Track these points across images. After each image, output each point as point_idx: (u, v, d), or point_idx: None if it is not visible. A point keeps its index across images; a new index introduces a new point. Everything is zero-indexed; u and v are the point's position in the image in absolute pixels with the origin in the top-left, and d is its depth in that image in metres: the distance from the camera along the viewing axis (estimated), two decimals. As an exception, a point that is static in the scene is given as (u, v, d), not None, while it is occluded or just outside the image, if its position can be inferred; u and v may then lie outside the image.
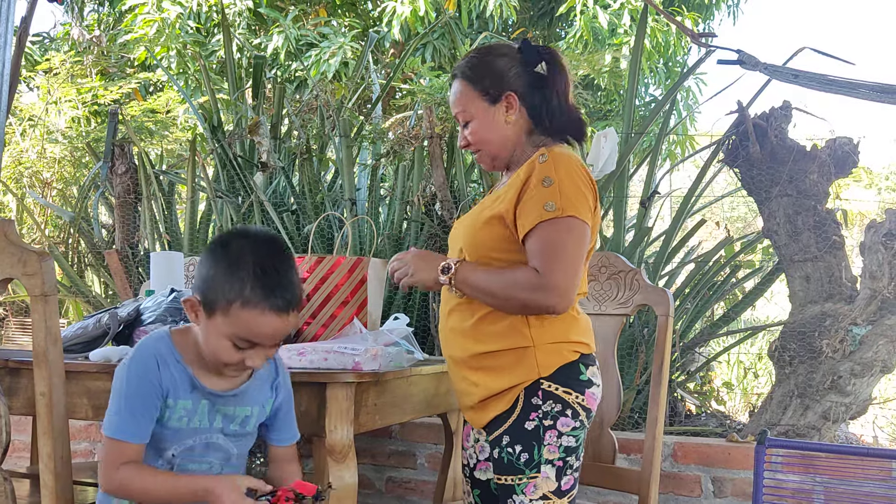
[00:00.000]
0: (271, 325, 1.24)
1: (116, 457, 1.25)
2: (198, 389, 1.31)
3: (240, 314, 1.23)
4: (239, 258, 1.24)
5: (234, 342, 1.25)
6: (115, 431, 1.25)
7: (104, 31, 7.37)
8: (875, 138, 5.26)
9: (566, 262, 1.41)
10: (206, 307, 1.26)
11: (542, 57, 1.54)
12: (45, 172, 5.15)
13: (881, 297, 2.57)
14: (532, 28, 8.02)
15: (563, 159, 1.46)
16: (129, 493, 1.26)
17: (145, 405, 1.26)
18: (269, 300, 1.23)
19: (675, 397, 3.15)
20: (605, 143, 2.83)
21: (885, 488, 1.94)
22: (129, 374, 1.26)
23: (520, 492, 1.46)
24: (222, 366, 1.29)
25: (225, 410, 1.34)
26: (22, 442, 2.95)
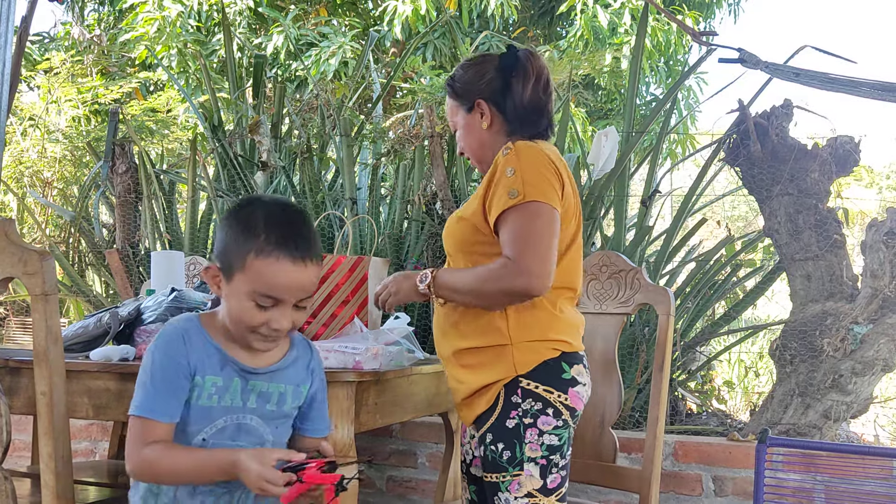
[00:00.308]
0: (288, 275, 1.20)
1: (144, 436, 1.20)
2: (229, 366, 1.25)
3: (255, 265, 1.19)
4: (252, 216, 1.22)
5: (255, 300, 1.20)
6: (142, 410, 1.20)
7: (104, 30, 7.37)
8: (876, 137, 5.28)
9: (535, 245, 1.44)
10: (225, 271, 1.23)
11: (519, 61, 1.60)
12: (45, 172, 5.15)
13: (882, 295, 2.56)
14: (532, 27, 8.02)
15: (524, 149, 1.51)
16: (156, 472, 1.20)
17: (173, 384, 1.21)
18: (283, 248, 1.19)
19: (676, 396, 3.15)
20: (606, 142, 2.83)
21: (886, 487, 1.94)
22: (156, 352, 1.22)
23: (504, 489, 1.48)
24: (249, 332, 1.23)
25: (259, 388, 1.27)
26: (23, 441, 2.95)
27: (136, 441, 1.20)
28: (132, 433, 1.20)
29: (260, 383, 1.27)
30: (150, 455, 1.19)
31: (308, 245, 1.22)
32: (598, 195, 3.11)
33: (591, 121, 6.93)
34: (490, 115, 1.59)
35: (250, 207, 1.24)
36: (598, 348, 2.03)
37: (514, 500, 1.47)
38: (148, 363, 1.22)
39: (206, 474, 1.20)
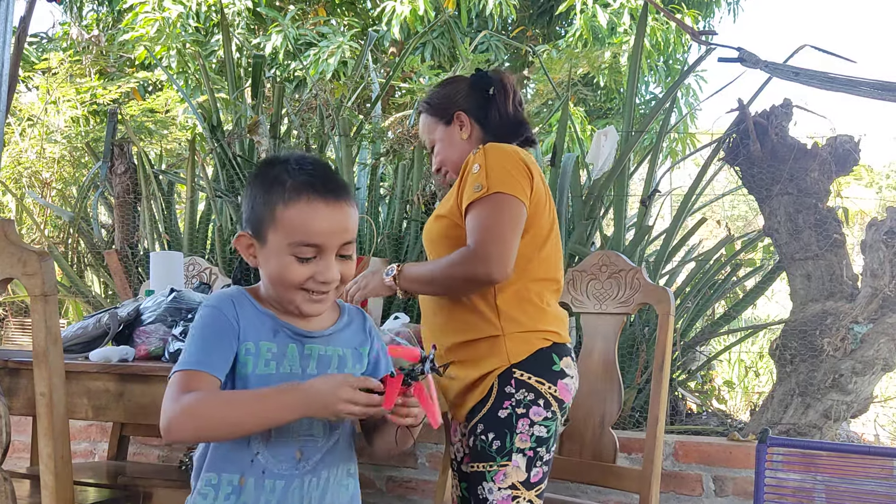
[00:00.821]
0: (323, 216, 1.11)
1: (184, 385, 1.07)
2: (282, 331, 1.16)
3: (286, 215, 1.11)
4: (272, 170, 1.16)
5: (295, 254, 1.11)
6: (186, 364, 1.09)
7: (103, 30, 7.36)
8: (876, 136, 5.28)
9: (495, 233, 1.49)
10: (257, 235, 1.15)
11: (492, 82, 1.70)
12: (44, 172, 5.14)
13: (882, 295, 2.56)
14: (531, 26, 8.02)
15: (492, 148, 1.58)
16: (198, 418, 1.05)
17: (221, 340, 1.11)
18: (312, 188, 1.12)
19: (676, 396, 3.15)
20: (605, 142, 2.83)
21: (886, 487, 1.94)
22: (204, 313, 1.13)
23: (489, 479, 1.50)
24: (295, 292, 1.13)
25: (317, 352, 1.17)
26: (22, 442, 2.95)
27: (174, 392, 1.06)
28: (170, 390, 1.07)
29: (317, 347, 1.17)
30: (189, 400, 1.05)
31: (338, 183, 1.15)
32: (597, 195, 3.11)
33: (591, 120, 6.93)
34: (469, 127, 1.68)
35: (270, 164, 1.18)
36: (598, 348, 2.03)
37: (496, 491, 1.49)
38: (196, 324, 1.13)
39: (263, 413, 1.05)
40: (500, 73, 1.73)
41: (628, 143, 3.13)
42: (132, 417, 1.58)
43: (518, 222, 1.52)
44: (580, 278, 2.11)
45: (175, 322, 1.76)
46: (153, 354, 1.73)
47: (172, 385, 1.08)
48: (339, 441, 1.17)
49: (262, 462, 1.11)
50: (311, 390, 1.04)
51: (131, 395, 1.56)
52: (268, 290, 1.17)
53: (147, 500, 2.05)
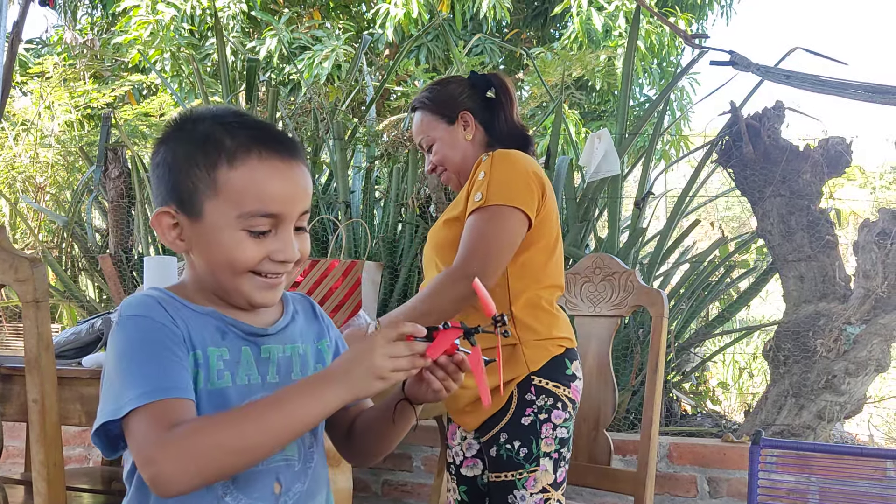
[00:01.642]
0: (281, 176, 0.89)
1: (161, 423, 0.79)
2: (231, 332, 0.91)
3: (233, 179, 0.87)
4: (199, 127, 0.90)
5: (246, 227, 0.87)
6: (144, 395, 0.80)
7: (97, 34, 7.35)
8: (868, 138, 5.29)
9: (479, 248, 1.48)
10: (185, 208, 0.89)
11: (491, 82, 1.69)
12: (38, 177, 5.13)
13: (875, 296, 2.57)
14: (526, 29, 8.03)
15: (501, 155, 1.56)
16: (200, 460, 0.78)
17: (171, 352, 0.84)
18: (262, 143, 0.89)
19: (671, 398, 3.16)
20: (599, 145, 2.83)
21: (880, 488, 1.95)
22: (131, 326, 0.85)
23: (521, 486, 1.50)
24: (246, 277, 0.89)
25: (275, 353, 0.94)
26: (16, 448, 2.94)
27: (150, 434, 0.78)
28: (139, 431, 0.79)
29: (275, 347, 0.94)
30: (179, 436, 0.78)
31: (290, 139, 0.93)
32: (591, 197, 3.12)
33: (585, 122, 6.94)
34: (474, 128, 1.66)
35: (191, 121, 0.92)
36: (592, 350, 2.03)
37: (529, 497, 1.50)
38: (123, 344, 0.84)
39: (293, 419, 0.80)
40: (498, 75, 1.71)
41: (622, 145, 3.14)
42: (126, 423, 1.57)
43: (511, 235, 1.51)
44: (574, 281, 2.11)
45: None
46: (147, 359, 1.72)
47: (141, 427, 0.79)
48: (317, 462, 0.96)
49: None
50: (342, 367, 0.83)
51: (125, 401, 1.55)
52: (201, 282, 0.92)
53: (141, 505, 2.04)
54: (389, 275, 3.19)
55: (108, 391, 0.83)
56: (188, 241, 0.90)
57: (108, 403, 0.82)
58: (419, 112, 1.70)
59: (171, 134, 0.92)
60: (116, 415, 0.80)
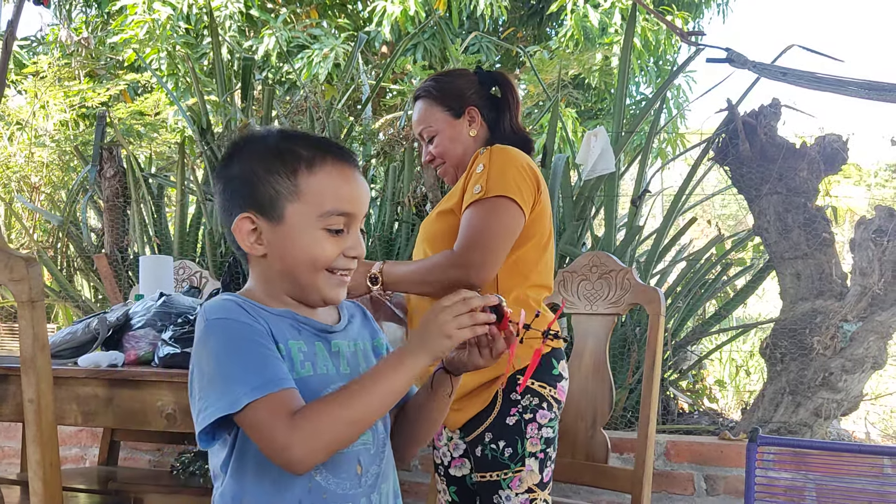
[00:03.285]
0: (351, 178, 1.01)
1: (280, 411, 0.89)
2: (304, 329, 1.02)
3: (312, 183, 0.99)
4: (270, 139, 1.03)
5: (326, 226, 0.99)
6: (257, 389, 0.89)
7: (92, 32, 7.33)
8: (864, 135, 5.32)
9: (481, 239, 1.49)
10: (266, 212, 0.99)
11: (497, 80, 1.68)
12: (33, 176, 5.12)
13: (871, 293, 2.58)
14: (522, 27, 8.03)
15: (499, 150, 1.56)
16: (325, 436, 0.89)
17: (263, 346, 0.94)
18: (332, 153, 1.01)
19: (668, 396, 3.16)
20: (595, 143, 2.83)
21: (876, 485, 1.95)
22: (220, 329, 0.94)
23: (506, 486, 1.50)
24: (323, 273, 1.00)
25: (343, 348, 1.05)
26: (12, 448, 2.93)
27: (276, 423, 0.88)
28: (264, 422, 0.89)
29: (342, 343, 1.05)
30: (305, 418, 0.89)
31: (349, 149, 1.06)
32: (587, 195, 3.11)
33: (582, 121, 6.94)
34: (479, 125, 1.65)
35: (262, 140, 1.04)
36: (589, 349, 2.03)
37: (515, 497, 1.49)
38: (215, 348, 0.93)
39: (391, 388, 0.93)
40: (505, 74, 1.70)
41: (619, 143, 3.14)
42: (121, 423, 1.57)
43: (511, 228, 1.51)
44: (571, 279, 2.11)
45: (165, 326, 1.75)
46: (143, 359, 1.72)
47: (262, 419, 0.89)
48: (388, 448, 1.07)
49: (322, 485, 0.96)
50: (417, 336, 0.94)
51: (120, 401, 1.55)
52: (273, 285, 1.02)
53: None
54: (386, 273, 3.18)
55: (209, 389, 0.92)
56: (267, 244, 1.00)
57: (216, 400, 0.91)
58: (423, 101, 1.68)
59: (239, 150, 1.04)
60: (233, 408, 0.89)
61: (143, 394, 1.53)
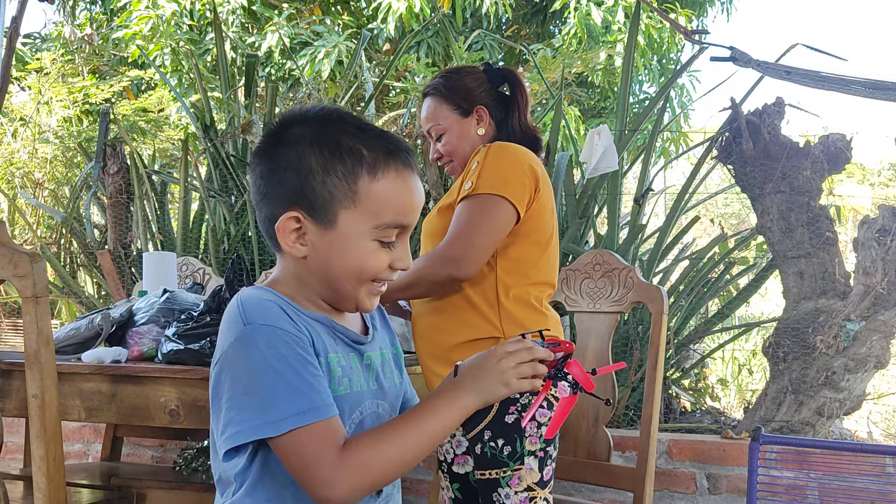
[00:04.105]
0: (414, 188, 0.93)
1: (328, 444, 0.83)
2: (339, 339, 0.94)
3: (374, 191, 0.90)
4: (337, 139, 0.91)
5: (379, 238, 0.91)
6: (301, 413, 0.83)
7: (96, 29, 7.34)
8: (868, 134, 5.32)
9: (466, 234, 1.49)
10: (317, 214, 0.90)
11: (506, 78, 1.68)
12: (36, 173, 5.13)
13: (874, 292, 2.57)
14: (526, 25, 8.02)
15: (496, 147, 1.56)
16: (372, 475, 0.84)
17: (311, 364, 0.86)
18: (397, 157, 0.92)
19: (670, 394, 3.16)
20: (599, 141, 2.83)
21: (879, 484, 1.95)
22: (264, 339, 0.85)
23: (504, 484, 1.49)
24: (366, 285, 0.93)
25: (374, 362, 0.98)
26: (15, 444, 2.94)
27: (322, 456, 0.83)
28: (308, 453, 0.83)
29: (373, 355, 0.99)
30: (353, 455, 0.83)
31: (410, 148, 0.96)
32: (591, 194, 3.11)
33: (585, 119, 6.93)
34: (487, 124, 1.65)
35: (318, 122, 0.93)
36: (591, 347, 2.03)
37: (514, 495, 1.49)
38: (258, 358, 0.84)
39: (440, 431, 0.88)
40: (514, 72, 1.69)
41: (622, 141, 3.14)
42: (125, 418, 1.57)
43: (497, 224, 1.51)
44: (574, 277, 2.11)
45: (168, 323, 1.75)
46: (146, 355, 1.72)
47: (306, 450, 0.83)
48: None
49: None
50: (472, 375, 0.90)
51: (124, 396, 1.56)
52: (309, 286, 0.94)
53: (141, 501, 2.05)
54: (389, 271, 3.18)
55: (247, 404, 0.84)
56: (311, 246, 0.92)
57: (254, 417, 0.83)
58: (431, 99, 1.68)
59: (293, 133, 0.92)
60: (276, 431, 0.83)
61: (147, 390, 1.53)
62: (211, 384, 0.89)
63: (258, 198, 0.95)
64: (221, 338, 0.89)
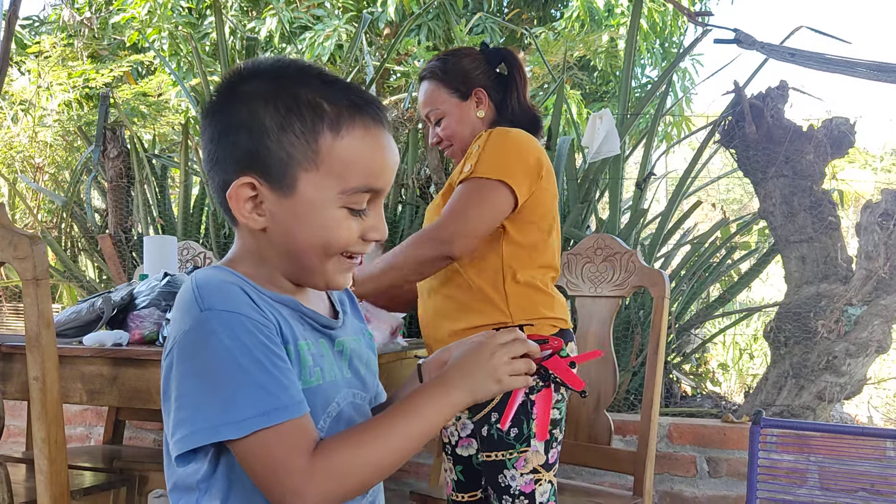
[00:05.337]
0: (386, 146, 0.82)
1: (298, 446, 0.74)
2: (307, 323, 0.84)
3: (338, 149, 0.79)
4: (296, 93, 0.80)
5: (347, 205, 0.80)
6: (266, 413, 0.73)
7: (95, 12, 7.29)
8: (872, 118, 5.29)
9: (458, 214, 1.49)
10: (273, 179, 0.79)
11: (503, 58, 1.66)
12: (36, 157, 5.11)
13: (877, 277, 2.57)
14: (527, 9, 7.96)
15: (497, 132, 1.55)
16: (348, 479, 0.75)
17: (277, 355, 0.76)
18: (365, 111, 0.81)
19: (671, 379, 3.16)
20: (601, 125, 2.81)
21: (879, 467, 1.95)
22: (223, 326, 0.74)
23: (510, 466, 1.50)
24: (334, 259, 0.82)
25: (347, 347, 0.88)
26: (17, 427, 2.95)
27: (290, 462, 0.73)
28: (274, 457, 0.73)
29: (345, 340, 0.88)
30: (326, 459, 0.74)
31: (381, 103, 0.84)
32: (592, 178, 3.10)
33: (587, 103, 6.90)
34: (486, 106, 1.64)
35: (273, 75, 0.82)
36: (593, 331, 2.03)
37: (519, 477, 1.50)
38: (217, 348, 0.74)
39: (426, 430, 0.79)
40: (512, 51, 1.68)
41: (624, 126, 3.12)
42: (126, 401, 1.58)
43: (493, 206, 1.50)
44: (575, 261, 2.11)
45: (169, 306, 1.75)
46: (147, 339, 1.72)
47: (272, 454, 0.73)
48: None
49: None
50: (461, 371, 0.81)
51: (125, 380, 1.56)
52: (271, 263, 0.83)
53: (143, 483, 2.06)
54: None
55: (204, 401, 0.74)
56: (270, 216, 0.80)
57: (214, 416, 0.73)
58: (429, 82, 1.66)
59: (244, 87, 0.81)
60: (239, 432, 0.73)
61: (148, 373, 1.53)
62: (162, 379, 0.79)
63: (209, 164, 0.83)
64: (174, 326, 0.78)
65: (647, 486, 1.85)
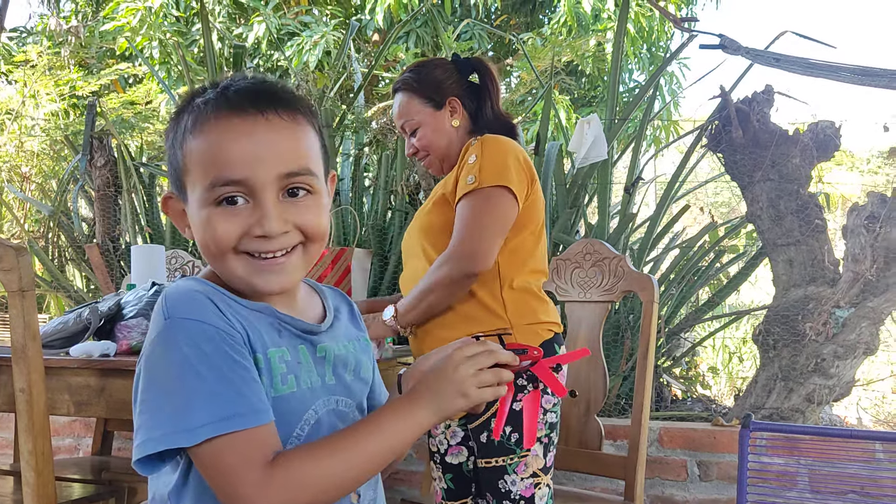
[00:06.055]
0: (239, 134, 0.78)
1: (254, 456, 0.73)
2: (285, 329, 0.83)
3: (193, 148, 0.79)
4: (186, 101, 0.84)
5: (215, 198, 0.78)
6: (220, 421, 0.72)
7: (82, 21, 7.27)
8: (857, 121, 5.33)
9: (474, 230, 1.49)
10: (179, 191, 0.83)
11: (475, 67, 1.67)
12: (23, 166, 5.08)
13: (864, 279, 2.58)
14: (515, 15, 7.99)
15: (491, 139, 1.56)
16: (306, 493, 0.74)
17: (238, 363, 0.75)
18: (220, 103, 0.79)
19: (661, 383, 3.17)
20: (588, 130, 2.82)
21: (868, 469, 1.96)
22: (184, 334, 0.75)
23: (511, 471, 1.50)
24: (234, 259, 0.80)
25: (331, 352, 0.87)
26: (5, 439, 2.92)
27: (244, 472, 0.72)
28: (227, 466, 0.72)
29: (329, 346, 0.87)
30: (283, 471, 0.73)
31: (270, 90, 0.81)
32: (581, 183, 3.11)
33: (575, 108, 6.92)
34: (461, 115, 1.65)
35: (190, 93, 0.85)
36: (582, 336, 2.03)
37: (520, 482, 1.50)
38: (176, 356, 0.74)
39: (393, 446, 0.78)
40: (483, 60, 1.70)
41: (612, 130, 3.13)
42: (114, 413, 1.56)
43: (505, 216, 1.52)
44: (564, 267, 2.11)
45: (157, 316, 1.74)
46: (135, 349, 1.71)
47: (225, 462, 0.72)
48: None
49: None
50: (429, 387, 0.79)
51: (113, 390, 1.55)
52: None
53: (132, 495, 2.04)
54: (379, 262, 3.18)
55: (160, 409, 0.73)
56: (188, 219, 0.83)
57: (167, 423, 0.73)
58: (402, 94, 1.67)
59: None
60: (189, 441, 0.72)
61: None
62: (133, 388, 0.80)
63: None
64: (147, 335, 0.79)
65: (638, 491, 1.85)
